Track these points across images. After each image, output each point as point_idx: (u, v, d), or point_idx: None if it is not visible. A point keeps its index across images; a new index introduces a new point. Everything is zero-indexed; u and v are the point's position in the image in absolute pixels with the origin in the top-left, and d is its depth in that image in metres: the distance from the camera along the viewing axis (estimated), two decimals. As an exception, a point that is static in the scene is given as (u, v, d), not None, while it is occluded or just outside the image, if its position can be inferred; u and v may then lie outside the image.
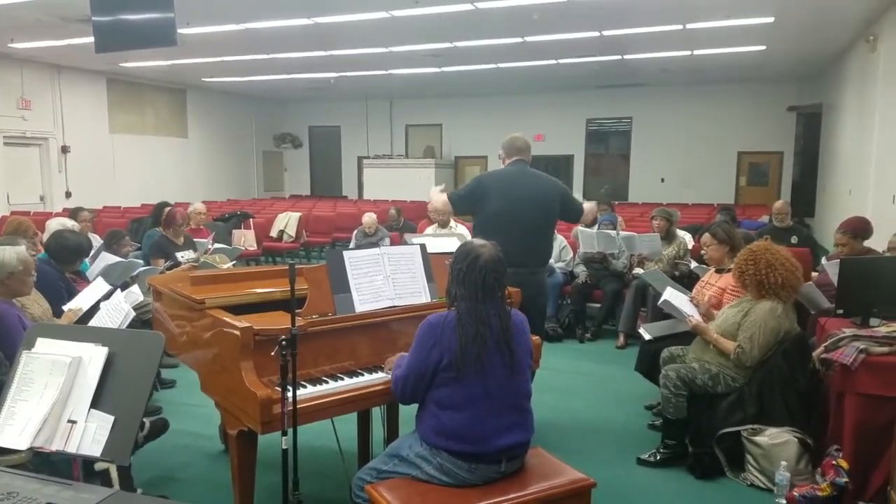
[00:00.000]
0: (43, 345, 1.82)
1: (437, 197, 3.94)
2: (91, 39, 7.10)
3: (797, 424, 3.28)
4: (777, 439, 3.23)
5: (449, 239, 4.23)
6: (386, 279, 2.78)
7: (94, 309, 3.54)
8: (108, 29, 6.98)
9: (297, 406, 2.26)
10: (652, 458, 3.53)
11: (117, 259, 4.77)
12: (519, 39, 10.42)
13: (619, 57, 11.87)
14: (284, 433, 2.23)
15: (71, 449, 1.69)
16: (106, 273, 4.39)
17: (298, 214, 10.73)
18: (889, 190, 7.14)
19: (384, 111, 18.69)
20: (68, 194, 13.49)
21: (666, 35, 9.84)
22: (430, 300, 2.83)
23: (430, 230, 7.25)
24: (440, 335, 2.26)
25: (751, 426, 3.31)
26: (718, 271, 4.12)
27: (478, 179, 3.86)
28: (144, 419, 3.12)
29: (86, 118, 13.95)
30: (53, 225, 5.40)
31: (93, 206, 10.99)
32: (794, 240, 6.10)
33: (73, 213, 6.86)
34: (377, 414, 3.15)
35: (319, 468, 3.43)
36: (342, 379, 2.54)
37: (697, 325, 3.57)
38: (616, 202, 10.87)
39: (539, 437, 2.52)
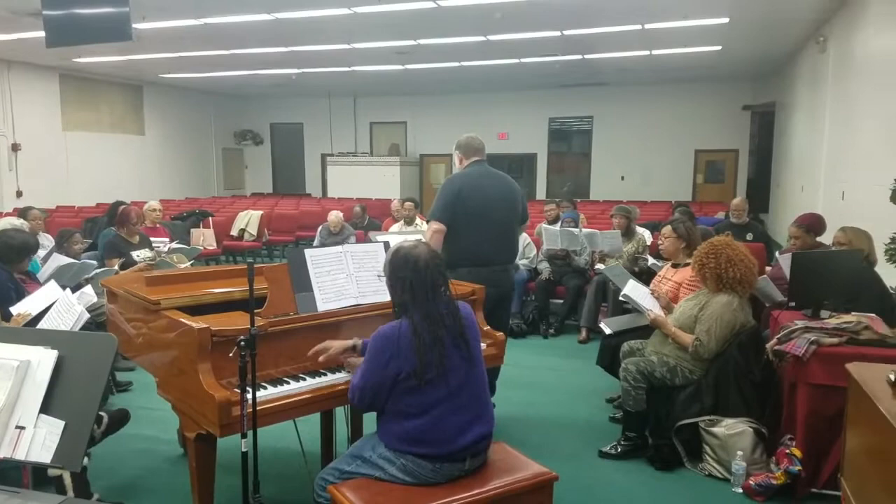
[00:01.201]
0: (-11, 349, 1.75)
1: (429, 229, 3.77)
2: (42, 34, 6.87)
3: (752, 415, 3.36)
4: (733, 430, 3.31)
5: (415, 237, 4.21)
6: (349, 277, 2.76)
7: (45, 313, 3.43)
8: (60, 23, 6.75)
9: (258, 408, 2.23)
10: (613, 451, 3.58)
11: (70, 260, 4.64)
12: (482, 38, 10.45)
13: (580, 56, 12.01)
14: (244, 436, 2.20)
15: (20, 456, 1.63)
16: (58, 275, 4.27)
17: (260, 213, 10.59)
18: (839, 186, 7.37)
19: (348, 108, 18.55)
20: (19, 193, 13.04)
21: (625, 35, 9.99)
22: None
23: (394, 228, 7.24)
24: (397, 348, 2.22)
25: (708, 417, 3.38)
26: (675, 266, 4.21)
27: (450, 185, 3.77)
28: (101, 413, 3.05)
29: (37, 115, 13.51)
30: (0, 225, 5.22)
31: (46, 205, 10.67)
32: (749, 236, 6.26)
33: (22, 213, 6.65)
34: (341, 414, 3.13)
35: (282, 470, 3.39)
36: (304, 379, 2.52)
37: (656, 318, 3.64)
38: (578, 200, 11.01)
39: (503, 432, 2.55)
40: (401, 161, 17.20)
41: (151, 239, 5.83)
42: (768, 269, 4.56)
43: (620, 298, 4.36)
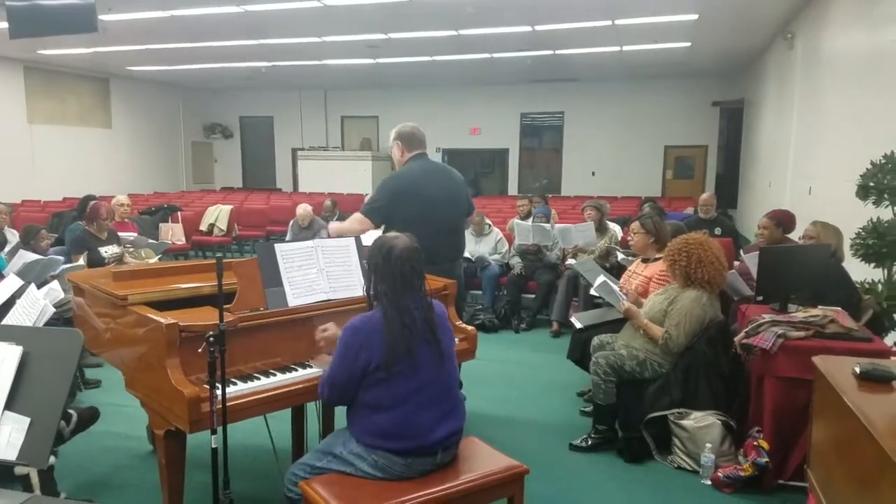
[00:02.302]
0: (-50, 346, 1.71)
1: (353, 219, 3.69)
2: (5, 24, 6.69)
3: (721, 407, 3.42)
4: (702, 422, 3.36)
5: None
6: (320, 272, 2.74)
7: (8, 307, 3.35)
8: (24, 13, 6.58)
9: (228, 404, 2.21)
10: (583, 444, 3.63)
11: (36, 257, 4.54)
12: (454, 32, 10.45)
13: (551, 52, 12.08)
14: (214, 432, 2.18)
15: (-17, 454, 1.60)
16: (24, 272, 4.17)
17: (230, 207, 10.47)
18: (806, 182, 7.53)
19: (319, 102, 18.40)
20: (-19, 188, 12.71)
21: (596, 31, 10.07)
22: (364, 294, 2.80)
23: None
24: (366, 338, 2.22)
25: (677, 410, 3.44)
26: (644, 261, 4.27)
27: (388, 188, 3.64)
28: (70, 410, 2.99)
29: (2, 108, 13.18)
30: (-37, 220, 5.09)
31: (10, 200, 10.39)
32: (717, 231, 6.37)
33: (-15, 208, 6.48)
34: (312, 410, 3.12)
35: (253, 466, 3.37)
36: (274, 375, 2.50)
37: (629, 308, 3.66)
38: (549, 195, 11.08)
39: (474, 427, 2.56)
40: (373, 155, 17.12)
41: (119, 233, 5.73)
42: (736, 263, 4.65)
43: (592, 293, 4.40)
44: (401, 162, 3.76)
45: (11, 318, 3.20)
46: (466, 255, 6.57)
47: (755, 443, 3.14)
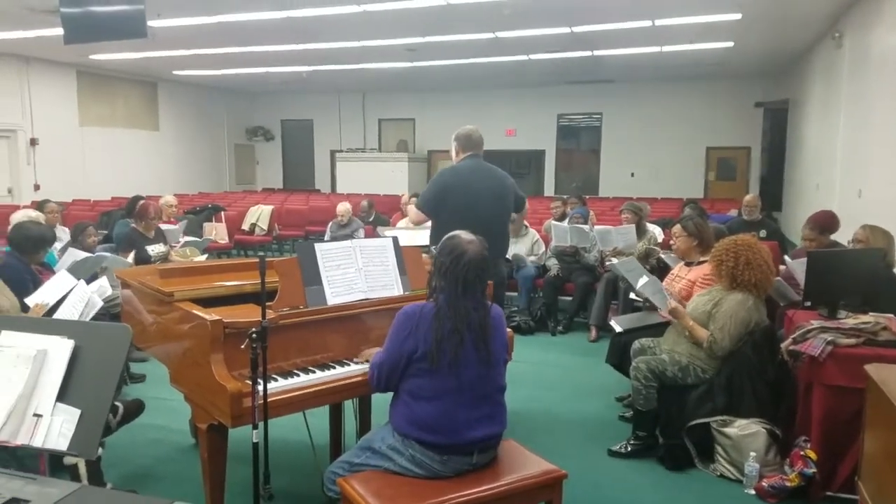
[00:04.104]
0: (7, 337, 1.77)
1: (411, 210, 4.03)
2: (60, 31, 6.94)
3: (766, 415, 3.33)
4: (746, 430, 3.28)
5: (422, 232, 4.23)
6: (358, 272, 2.76)
7: (60, 303, 3.47)
8: (77, 20, 6.81)
9: (268, 399, 2.24)
10: (623, 450, 3.57)
11: (85, 254, 4.69)
12: (491, 35, 10.43)
13: (589, 53, 11.96)
14: (255, 426, 2.22)
15: (36, 443, 1.65)
16: (74, 269, 4.31)
17: (271, 207, 10.65)
18: (854, 184, 7.30)
19: (357, 105, 18.58)
20: (37, 187, 13.16)
21: (635, 31, 9.93)
22: (402, 293, 2.82)
23: (402, 223, 7.25)
24: (416, 325, 2.26)
25: (720, 417, 3.35)
26: (688, 264, 4.18)
27: (440, 179, 3.92)
28: (117, 403, 3.08)
29: (55, 111, 13.62)
30: (17, 217, 5.28)
31: (62, 199, 10.76)
32: (762, 233, 6.22)
33: (39, 206, 6.73)
34: (349, 407, 3.15)
35: (291, 461, 3.41)
36: (314, 372, 2.53)
37: (676, 308, 3.57)
38: (587, 196, 10.97)
39: (511, 429, 2.54)
40: (409, 157, 17.21)
41: (164, 228, 5.88)
42: (781, 267, 4.53)
43: (631, 296, 4.34)
44: (456, 161, 4.00)
45: (62, 312, 3.32)
46: (504, 255, 6.56)
47: (802, 452, 3.05)
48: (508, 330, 3.06)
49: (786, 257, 4.68)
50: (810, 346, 3.00)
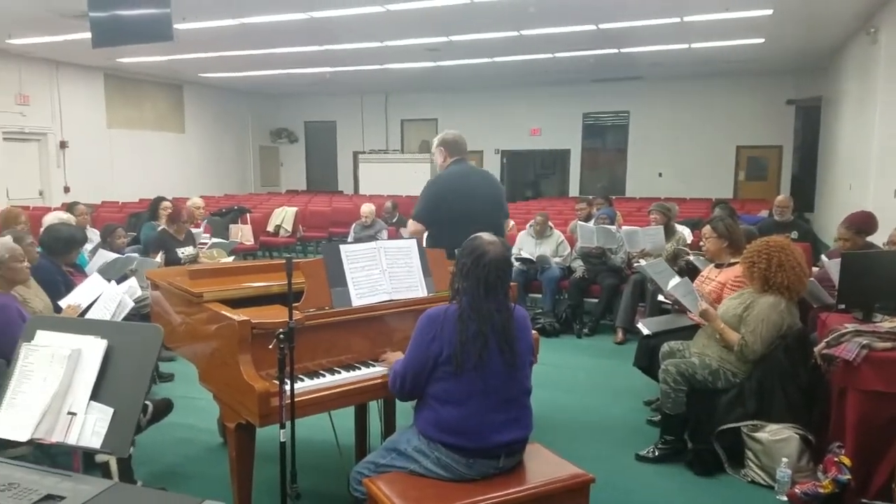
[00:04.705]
0: (42, 337, 1.81)
1: (410, 225, 4.00)
2: (88, 35, 7.07)
3: (798, 420, 3.27)
4: (778, 435, 3.22)
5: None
6: (383, 273, 2.77)
7: (92, 304, 3.53)
8: (105, 24, 6.95)
9: (295, 399, 2.25)
10: (650, 454, 3.52)
11: (115, 256, 4.77)
12: (515, 33, 10.39)
13: (615, 50, 11.85)
14: (282, 426, 2.23)
15: (71, 441, 1.68)
16: (104, 270, 4.39)
17: (295, 209, 10.73)
18: (890, 184, 7.13)
19: (379, 106, 18.65)
20: (67, 189, 13.43)
21: (663, 28, 9.82)
22: (426, 294, 2.81)
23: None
24: (440, 328, 2.25)
25: (751, 422, 3.29)
26: (718, 266, 4.11)
27: (432, 189, 3.89)
28: (147, 401, 3.12)
29: (84, 113, 13.89)
30: (49, 219, 5.39)
31: (91, 200, 10.96)
32: (794, 234, 6.09)
33: (69, 208, 6.86)
34: (374, 408, 3.15)
35: (317, 461, 3.42)
36: (339, 373, 2.54)
37: (707, 310, 3.51)
38: (613, 197, 10.85)
39: (537, 433, 2.52)
40: (431, 158, 17.19)
41: (192, 230, 5.97)
42: (815, 269, 4.43)
43: (659, 298, 4.28)
44: (442, 166, 3.97)
45: (94, 312, 3.37)
46: (527, 255, 6.53)
47: (836, 458, 2.98)
48: (534, 332, 3.05)
49: (823, 257, 4.59)
50: (844, 349, 2.93)
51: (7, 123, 12.39)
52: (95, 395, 1.68)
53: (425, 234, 3.86)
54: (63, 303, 3.58)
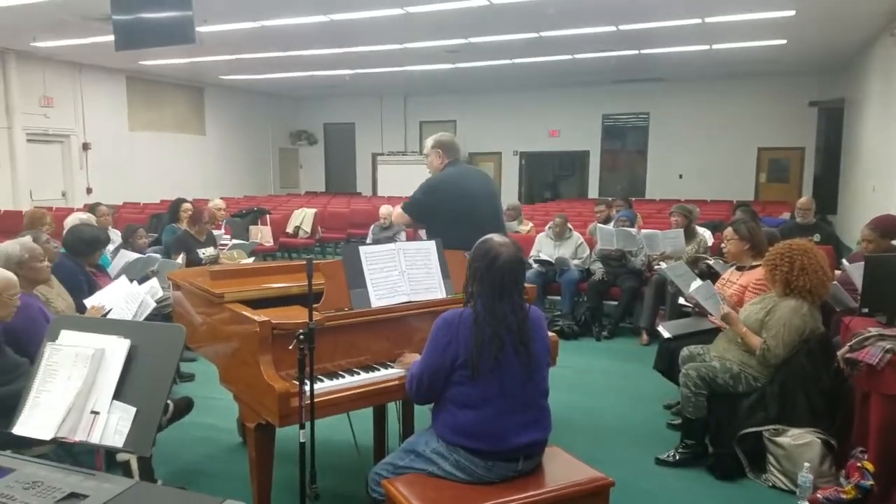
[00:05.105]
0: (66, 336, 1.83)
1: (395, 212, 4.01)
2: (111, 38, 7.17)
3: (820, 425, 3.22)
4: (800, 440, 3.18)
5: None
6: (402, 274, 2.77)
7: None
8: (128, 27, 7.04)
9: (314, 400, 2.26)
10: (671, 458, 3.49)
11: (136, 256, 4.83)
12: (534, 34, 10.36)
13: (636, 51, 11.78)
14: (302, 426, 2.24)
15: (94, 440, 1.70)
16: (126, 270, 4.44)
17: (314, 210, 10.79)
18: (914, 187, 7.01)
19: (398, 108, 18.70)
20: (89, 190, 13.64)
21: (684, 29, 9.75)
22: (445, 296, 2.81)
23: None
24: (456, 332, 2.24)
25: (773, 426, 3.25)
26: (739, 269, 4.07)
27: (428, 185, 3.88)
28: (168, 400, 3.14)
29: (106, 116, 14.10)
30: (71, 221, 5.47)
31: (113, 202, 11.11)
32: (816, 237, 6.00)
33: (91, 209, 6.96)
34: (393, 409, 3.15)
35: (335, 462, 3.43)
36: (358, 374, 2.54)
37: (729, 313, 3.47)
38: (633, 198, 10.77)
39: (556, 436, 2.50)
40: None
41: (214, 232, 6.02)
42: (837, 272, 4.36)
43: (680, 301, 4.24)
44: (439, 168, 3.97)
45: (115, 313, 3.42)
46: (545, 257, 6.50)
47: (859, 464, 2.93)
48: (552, 334, 3.03)
49: (843, 261, 4.51)
50: (868, 354, 2.89)
51: (31, 125, 12.62)
52: (118, 395, 1.70)
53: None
54: (88, 303, 3.63)
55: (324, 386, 2.41)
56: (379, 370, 2.59)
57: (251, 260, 5.99)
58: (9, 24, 9.69)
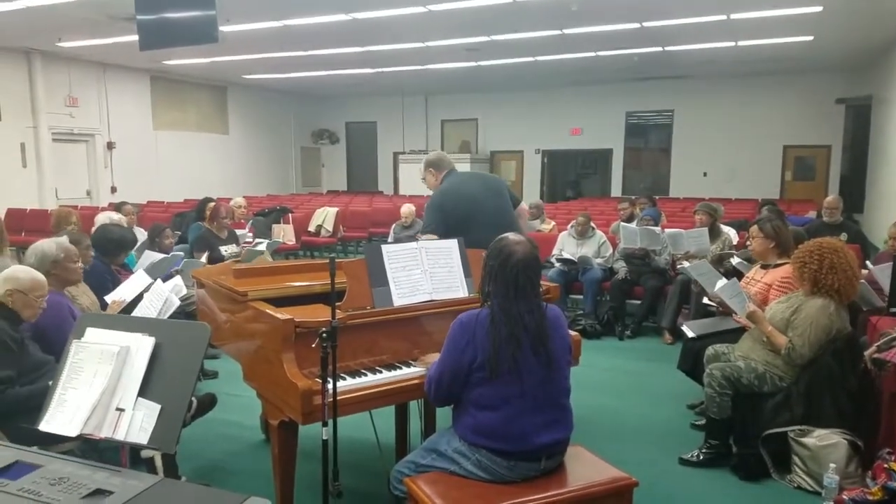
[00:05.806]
0: (92, 334, 1.86)
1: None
2: (135, 38, 7.26)
3: (847, 426, 3.17)
4: (825, 441, 3.13)
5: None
6: (424, 273, 2.77)
7: (138, 299, 3.62)
8: (152, 27, 7.14)
9: (337, 398, 2.27)
10: (695, 458, 3.45)
11: (160, 256, 4.88)
12: (557, 32, 10.30)
13: (660, 49, 11.65)
14: (325, 424, 2.25)
15: (119, 436, 1.72)
16: (151, 270, 4.49)
17: (336, 209, 10.84)
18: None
19: (420, 106, 18.71)
20: (114, 189, 13.85)
21: (709, 26, 9.62)
22: (467, 295, 2.81)
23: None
24: (473, 334, 2.23)
25: (798, 427, 3.21)
26: (764, 267, 4.01)
27: (433, 206, 3.87)
28: (192, 397, 3.18)
29: (130, 115, 14.30)
30: (101, 219, 5.55)
31: (137, 200, 11.26)
32: (843, 236, 5.89)
33: (117, 207, 7.05)
34: (415, 408, 3.16)
35: (358, 460, 3.45)
36: (380, 372, 2.55)
37: (755, 312, 3.42)
38: (657, 197, 10.66)
39: (579, 435, 2.49)
40: (471, 158, 17.18)
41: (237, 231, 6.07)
42: (864, 272, 4.28)
43: (704, 301, 4.19)
44: (436, 185, 4.04)
45: (140, 310, 3.46)
46: (568, 256, 6.46)
47: (886, 465, 2.88)
48: (574, 333, 3.00)
49: (868, 263, 4.43)
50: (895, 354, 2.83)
51: (57, 125, 12.84)
52: (143, 392, 1.72)
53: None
54: (109, 297, 3.68)
55: (346, 384, 2.42)
56: (401, 368, 2.59)
57: (270, 258, 6.03)
58: (35, 25, 9.85)
